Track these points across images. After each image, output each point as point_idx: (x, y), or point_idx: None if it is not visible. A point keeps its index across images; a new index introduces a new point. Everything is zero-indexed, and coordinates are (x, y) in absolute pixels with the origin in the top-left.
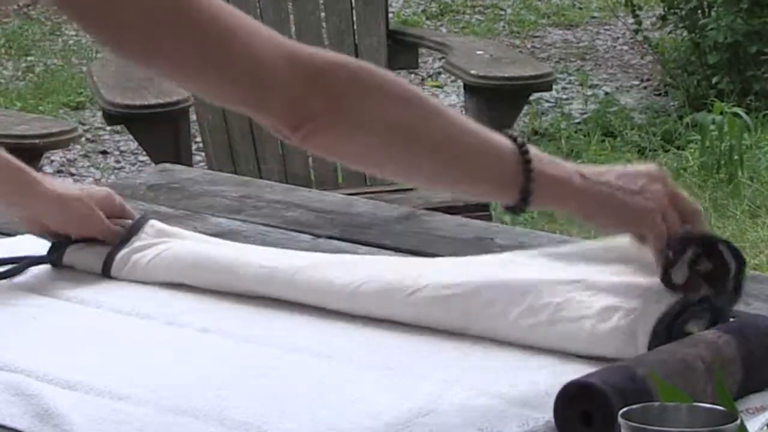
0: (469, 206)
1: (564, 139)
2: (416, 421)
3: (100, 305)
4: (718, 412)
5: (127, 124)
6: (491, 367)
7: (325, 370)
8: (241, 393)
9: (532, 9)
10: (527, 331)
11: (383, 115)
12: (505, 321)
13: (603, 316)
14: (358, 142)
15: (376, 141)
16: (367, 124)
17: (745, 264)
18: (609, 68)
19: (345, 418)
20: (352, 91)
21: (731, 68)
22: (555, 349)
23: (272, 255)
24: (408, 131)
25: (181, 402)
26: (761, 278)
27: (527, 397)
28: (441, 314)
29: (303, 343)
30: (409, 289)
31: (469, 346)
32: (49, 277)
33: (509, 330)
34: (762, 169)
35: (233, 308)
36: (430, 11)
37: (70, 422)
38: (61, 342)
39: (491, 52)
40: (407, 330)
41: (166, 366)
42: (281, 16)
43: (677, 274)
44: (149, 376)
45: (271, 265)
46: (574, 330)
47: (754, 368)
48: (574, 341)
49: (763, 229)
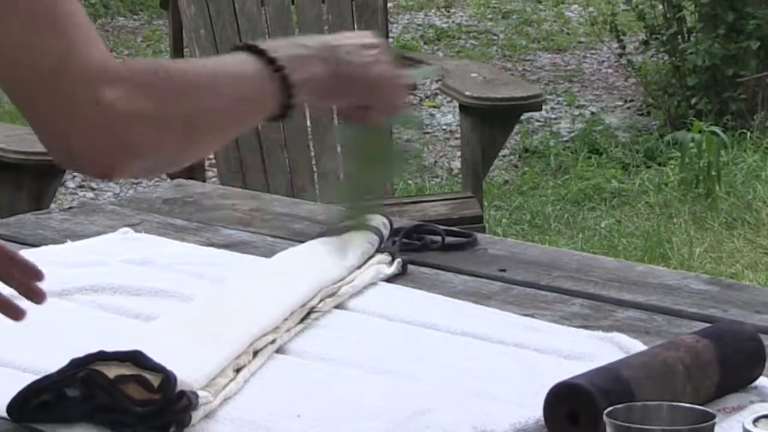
0: (464, 219)
1: (553, 156)
2: (415, 420)
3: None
4: (697, 411)
5: None
6: (484, 368)
7: (328, 373)
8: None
9: (523, 34)
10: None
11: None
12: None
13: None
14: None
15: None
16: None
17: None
18: (595, 90)
19: (347, 418)
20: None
21: (709, 90)
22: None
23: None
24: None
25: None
26: (738, 286)
27: (518, 397)
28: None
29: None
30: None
31: (463, 349)
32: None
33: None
34: (738, 184)
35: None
36: (427, 36)
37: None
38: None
39: (485, 75)
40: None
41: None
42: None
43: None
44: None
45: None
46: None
47: (731, 371)
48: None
49: (739, 240)
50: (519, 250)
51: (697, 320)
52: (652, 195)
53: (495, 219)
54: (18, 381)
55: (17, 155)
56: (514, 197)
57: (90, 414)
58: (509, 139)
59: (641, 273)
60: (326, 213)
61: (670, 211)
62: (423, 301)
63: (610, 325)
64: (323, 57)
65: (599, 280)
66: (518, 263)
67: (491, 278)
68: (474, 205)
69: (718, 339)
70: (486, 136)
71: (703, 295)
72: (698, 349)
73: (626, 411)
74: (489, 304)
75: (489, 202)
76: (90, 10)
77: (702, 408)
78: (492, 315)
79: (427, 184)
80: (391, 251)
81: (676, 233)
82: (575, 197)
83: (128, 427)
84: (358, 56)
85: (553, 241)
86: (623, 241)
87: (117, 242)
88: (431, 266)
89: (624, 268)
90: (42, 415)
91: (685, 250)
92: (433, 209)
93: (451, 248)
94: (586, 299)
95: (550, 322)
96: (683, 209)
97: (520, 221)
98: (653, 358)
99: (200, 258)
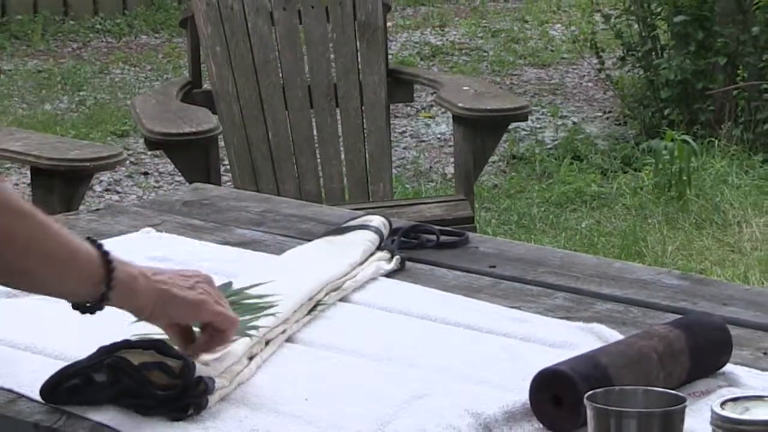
0: (457, 219)
1: (538, 162)
2: (412, 403)
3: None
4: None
5: (165, 149)
6: (475, 356)
7: (333, 361)
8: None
9: (511, 51)
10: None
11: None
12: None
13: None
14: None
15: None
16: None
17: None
18: (576, 102)
19: (350, 401)
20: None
21: (680, 102)
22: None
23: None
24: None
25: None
26: (707, 281)
27: (507, 382)
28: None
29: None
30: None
31: (456, 339)
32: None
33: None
34: (707, 188)
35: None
36: (423, 53)
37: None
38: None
39: (476, 88)
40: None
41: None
42: (297, 56)
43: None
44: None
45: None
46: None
47: (700, 358)
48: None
49: (708, 239)
50: (507, 248)
51: (670, 312)
52: (628, 198)
53: (485, 220)
54: (50, 367)
55: (50, 162)
56: (503, 200)
57: (116, 397)
58: (498, 147)
59: (618, 269)
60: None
61: (645, 213)
62: (419, 294)
63: (590, 316)
64: (144, 273)
65: (580, 276)
66: (506, 260)
67: (482, 274)
68: (466, 207)
69: (689, 329)
70: (477, 144)
71: (675, 290)
72: (671, 338)
73: (605, 395)
74: (480, 297)
75: (480, 204)
76: (116, 29)
77: (674, 392)
78: (482, 307)
79: (423, 188)
80: (390, 249)
81: (651, 233)
82: (558, 200)
83: (151, 410)
84: (183, 282)
85: (538, 240)
86: (602, 239)
87: (140, 241)
88: (427, 263)
89: (603, 264)
90: (72, 398)
91: (658, 248)
92: (429, 211)
93: (445, 246)
94: (568, 293)
95: (535, 313)
96: (657, 211)
97: (508, 222)
98: (630, 347)
99: (216, 255)
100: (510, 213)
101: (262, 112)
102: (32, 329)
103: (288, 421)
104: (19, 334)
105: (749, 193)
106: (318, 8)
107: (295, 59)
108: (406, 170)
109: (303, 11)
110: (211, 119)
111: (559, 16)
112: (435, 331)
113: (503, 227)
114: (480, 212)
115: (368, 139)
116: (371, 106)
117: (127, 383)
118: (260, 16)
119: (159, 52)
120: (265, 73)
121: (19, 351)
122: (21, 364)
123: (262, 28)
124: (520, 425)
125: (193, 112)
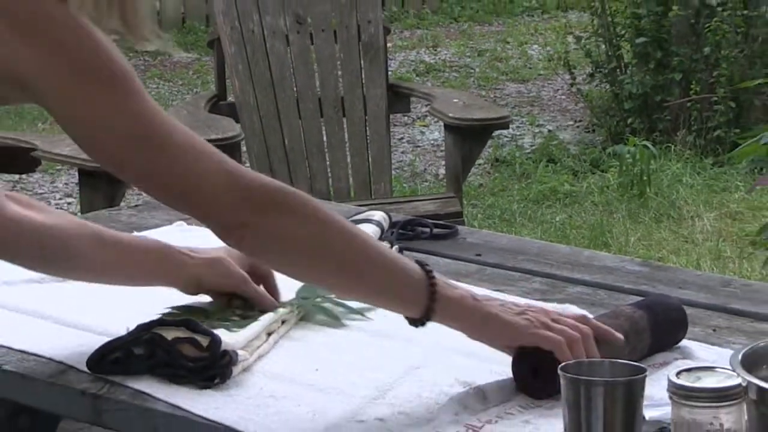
0: (448, 214)
1: (518, 164)
2: (410, 373)
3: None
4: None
5: None
6: None
7: (340, 337)
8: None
9: (495, 68)
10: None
11: (298, 232)
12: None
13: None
14: (276, 251)
15: (292, 252)
16: (283, 238)
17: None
18: (551, 112)
19: (355, 371)
20: (275, 209)
21: (642, 112)
22: None
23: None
24: (322, 248)
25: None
26: (664, 268)
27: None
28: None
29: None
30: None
31: None
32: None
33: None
34: (664, 187)
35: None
36: (418, 70)
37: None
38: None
39: (464, 100)
40: None
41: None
42: (308, 73)
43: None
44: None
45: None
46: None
47: (661, 335)
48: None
49: (665, 231)
50: (491, 239)
51: (632, 294)
52: (596, 195)
53: (472, 215)
54: (95, 342)
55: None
56: (487, 197)
57: (152, 368)
58: (483, 151)
59: (588, 257)
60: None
61: (611, 209)
62: None
63: (563, 298)
64: (475, 296)
65: (554, 263)
66: (490, 249)
67: (469, 261)
68: (455, 204)
69: (650, 310)
70: (465, 149)
71: (636, 275)
72: (635, 318)
73: (576, 366)
74: (467, 281)
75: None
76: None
77: (636, 364)
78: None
79: (418, 187)
80: (390, 240)
81: (615, 226)
82: (535, 197)
83: (182, 379)
84: (513, 307)
85: (518, 232)
86: (573, 232)
87: (173, 233)
88: (422, 252)
89: (574, 253)
90: (114, 368)
91: (622, 239)
92: (423, 207)
93: (438, 238)
94: (544, 278)
95: (516, 295)
96: (621, 207)
97: (492, 216)
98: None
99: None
100: (494, 209)
101: (279, 122)
102: (79, 309)
103: (301, 388)
104: (68, 313)
105: (701, 192)
106: (327, 31)
107: (307, 75)
108: (404, 171)
109: (314, 34)
110: (234, 127)
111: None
112: None
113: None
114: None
115: (371, 145)
116: (373, 116)
117: (162, 356)
118: (277, 38)
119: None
120: (281, 88)
121: (68, 328)
122: (69, 339)
123: (279, 48)
124: (504, 391)
125: (218, 121)
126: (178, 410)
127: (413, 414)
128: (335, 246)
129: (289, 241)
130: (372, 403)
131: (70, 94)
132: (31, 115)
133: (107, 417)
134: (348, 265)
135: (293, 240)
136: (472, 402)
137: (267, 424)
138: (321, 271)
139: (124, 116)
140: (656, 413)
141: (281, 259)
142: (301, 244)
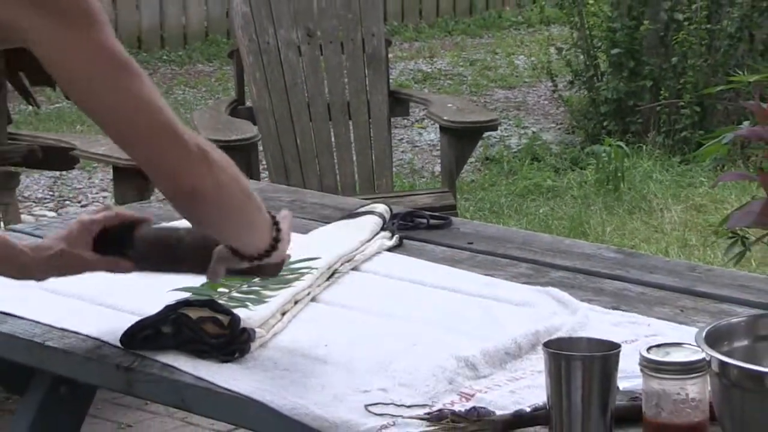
0: (443, 207)
1: (505, 162)
2: (409, 350)
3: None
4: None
5: None
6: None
7: (347, 316)
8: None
9: (485, 76)
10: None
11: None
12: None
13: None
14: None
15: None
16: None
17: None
18: (535, 116)
19: (360, 347)
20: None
21: (616, 116)
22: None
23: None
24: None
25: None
26: (636, 255)
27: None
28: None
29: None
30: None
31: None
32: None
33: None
34: (637, 182)
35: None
36: (417, 78)
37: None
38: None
39: (458, 105)
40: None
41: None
42: (318, 80)
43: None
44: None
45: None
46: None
47: None
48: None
49: (637, 222)
50: (482, 229)
51: (608, 279)
52: (575, 190)
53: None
54: (127, 321)
55: (127, 161)
56: (478, 192)
57: (178, 345)
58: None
59: (568, 245)
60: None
61: (588, 202)
62: (414, 264)
63: (546, 281)
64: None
65: (538, 250)
66: (481, 238)
67: (462, 249)
68: (450, 198)
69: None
70: (458, 149)
71: (612, 261)
72: None
73: (558, 342)
74: (460, 267)
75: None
76: (178, 59)
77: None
78: (462, 275)
79: (416, 183)
80: (391, 230)
81: (593, 217)
82: (521, 192)
83: (205, 354)
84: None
85: (506, 223)
86: (555, 222)
87: None
88: (420, 240)
89: (556, 242)
90: (145, 344)
91: (599, 229)
92: (421, 200)
93: (434, 228)
94: (529, 263)
95: (504, 279)
96: (598, 200)
97: (483, 209)
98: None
99: None
100: (484, 202)
101: (292, 124)
102: (112, 290)
103: (311, 362)
104: (102, 294)
105: (669, 187)
106: (335, 43)
107: (317, 83)
108: (404, 169)
109: (323, 45)
110: (252, 129)
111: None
112: (425, 293)
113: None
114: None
115: (374, 145)
116: (376, 120)
117: (187, 333)
118: (290, 49)
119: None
120: (294, 93)
121: (103, 308)
122: (104, 318)
123: (292, 58)
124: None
125: (238, 123)
126: (201, 381)
127: (412, 384)
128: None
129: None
130: (375, 376)
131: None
132: (70, 118)
133: (138, 387)
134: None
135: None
136: (465, 373)
137: (281, 394)
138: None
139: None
140: (629, 384)
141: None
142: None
